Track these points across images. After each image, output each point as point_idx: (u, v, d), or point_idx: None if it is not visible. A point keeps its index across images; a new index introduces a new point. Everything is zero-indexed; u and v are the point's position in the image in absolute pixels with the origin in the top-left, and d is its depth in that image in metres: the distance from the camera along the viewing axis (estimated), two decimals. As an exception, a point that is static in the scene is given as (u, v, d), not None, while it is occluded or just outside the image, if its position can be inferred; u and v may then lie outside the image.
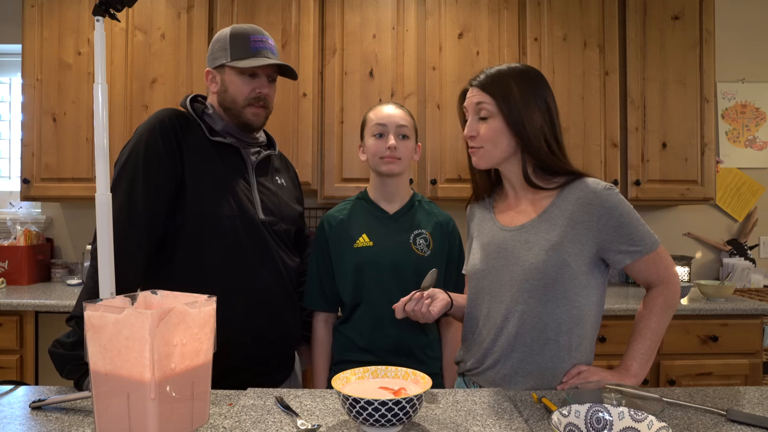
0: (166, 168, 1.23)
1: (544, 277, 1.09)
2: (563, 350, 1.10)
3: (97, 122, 0.90)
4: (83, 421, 0.89)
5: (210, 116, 1.34)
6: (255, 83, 1.32)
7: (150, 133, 1.24)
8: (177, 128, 1.27)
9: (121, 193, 1.19)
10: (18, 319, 2.16)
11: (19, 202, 2.80)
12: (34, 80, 2.48)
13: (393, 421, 0.80)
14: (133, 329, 0.67)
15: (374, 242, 1.44)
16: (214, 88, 1.35)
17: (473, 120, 1.17)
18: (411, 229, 1.47)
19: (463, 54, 2.52)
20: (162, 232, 1.24)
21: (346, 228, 1.47)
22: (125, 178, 1.21)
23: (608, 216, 1.08)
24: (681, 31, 2.57)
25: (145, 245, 1.21)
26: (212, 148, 1.30)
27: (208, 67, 1.35)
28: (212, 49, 1.35)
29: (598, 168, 2.52)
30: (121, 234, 1.13)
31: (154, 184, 1.22)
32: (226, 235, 1.26)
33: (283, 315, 1.36)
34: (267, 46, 1.33)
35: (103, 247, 0.90)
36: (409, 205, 1.51)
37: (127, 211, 1.18)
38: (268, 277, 1.32)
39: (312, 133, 2.46)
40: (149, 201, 1.21)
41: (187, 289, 1.15)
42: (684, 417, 0.92)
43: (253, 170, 1.36)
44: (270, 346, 1.34)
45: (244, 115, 1.33)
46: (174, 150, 1.24)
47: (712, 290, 2.32)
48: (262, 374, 1.33)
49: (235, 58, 1.29)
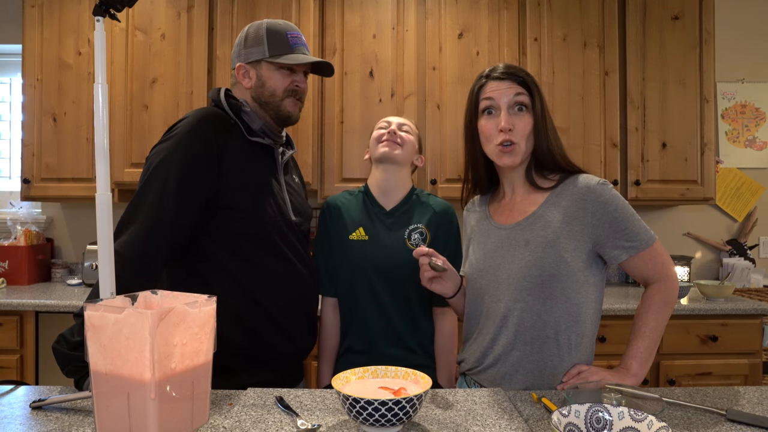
0: (203, 175, 1.18)
1: (541, 275, 1.09)
2: (563, 348, 1.11)
3: (98, 122, 0.90)
4: (83, 421, 0.89)
5: (248, 114, 1.30)
6: (293, 77, 1.32)
7: (188, 137, 1.19)
8: (219, 132, 1.22)
9: (154, 195, 1.14)
10: (18, 319, 2.16)
11: (19, 202, 2.80)
12: (35, 80, 2.48)
13: (393, 421, 0.80)
14: (134, 329, 0.67)
15: (369, 237, 1.46)
16: (247, 83, 1.32)
17: (508, 113, 1.12)
18: (407, 225, 1.48)
19: (463, 54, 2.52)
20: (186, 239, 1.20)
21: (345, 217, 1.50)
22: (159, 179, 1.15)
23: (602, 211, 1.08)
24: (681, 31, 2.57)
25: (166, 252, 1.17)
26: (250, 149, 1.28)
27: (240, 62, 1.32)
28: (245, 44, 1.32)
29: (598, 168, 2.52)
30: (145, 238, 1.11)
31: (188, 191, 1.17)
32: (267, 237, 1.25)
33: (314, 314, 1.38)
34: (303, 42, 1.34)
35: (103, 247, 0.90)
36: (406, 200, 1.52)
37: (155, 216, 1.13)
38: (305, 277, 1.33)
39: (312, 133, 2.47)
40: (180, 207, 1.16)
41: (228, 292, 1.17)
42: (684, 417, 0.92)
43: (282, 170, 1.36)
44: (303, 345, 1.35)
45: (283, 107, 1.32)
46: (214, 156, 1.20)
47: (711, 290, 2.32)
48: (288, 374, 1.35)
49: (274, 53, 1.28)
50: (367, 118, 2.49)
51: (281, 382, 1.29)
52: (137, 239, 1.10)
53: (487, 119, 1.15)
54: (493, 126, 1.14)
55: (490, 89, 1.15)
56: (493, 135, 1.14)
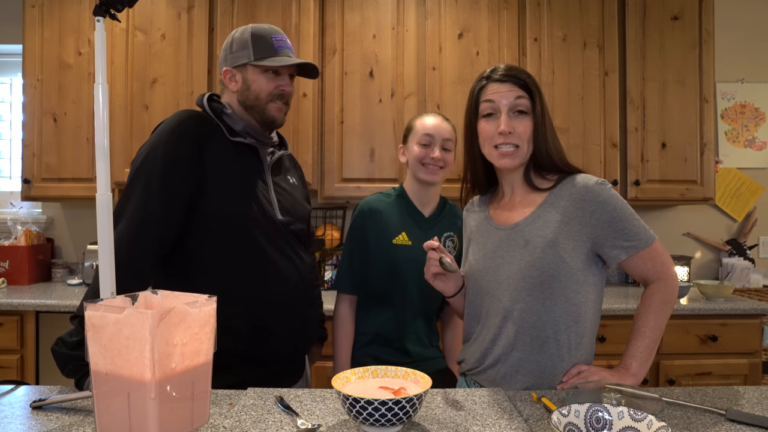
0: (185, 174, 1.20)
1: (540, 275, 1.09)
2: (563, 349, 1.11)
3: (98, 122, 0.90)
4: (84, 420, 0.89)
5: (229, 116, 1.32)
6: (278, 81, 1.33)
7: (170, 135, 1.21)
8: (199, 131, 1.25)
9: (137, 195, 1.16)
10: (18, 319, 2.17)
11: (19, 202, 2.80)
12: (35, 80, 2.48)
13: (393, 421, 0.81)
14: (134, 329, 0.67)
15: (413, 242, 1.52)
16: (234, 87, 1.34)
17: (508, 116, 1.13)
18: (442, 232, 1.56)
19: (463, 54, 2.52)
20: (174, 237, 1.22)
21: (386, 221, 1.54)
22: (142, 179, 1.17)
23: (601, 211, 1.08)
24: (680, 31, 2.57)
25: (158, 250, 1.19)
26: (233, 149, 1.30)
27: (227, 66, 1.34)
28: (231, 49, 1.33)
29: (597, 168, 2.52)
30: (132, 237, 1.13)
31: (171, 190, 1.19)
32: (250, 237, 1.26)
33: (304, 314, 1.37)
34: (287, 45, 1.35)
35: (103, 247, 0.90)
36: (440, 208, 1.60)
37: (142, 215, 1.15)
38: (290, 276, 1.32)
39: (312, 133, 2.47)
40: (165, 206, 1.18)
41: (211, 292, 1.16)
42: (683, 417, 0.92)
43: (269, 170, 1.37)
44: (292, 346, 1.34)
45: (267, 111, 1.33)
46: (195, 154, 1.22)
47: (711, 290, 2.33)
48: (280, 374, 1.34)
49: (258, 57, 1.29)
50: (367, 118, 2.49)
51: (275, 382, 1.28)
52: (123, 239, 1.10)
53: (487, 121, 1.15)
54: (493, 128, 1.14)
55: (490, 91, 1.15)
56: (493, 137, 1.14)
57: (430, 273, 1.22)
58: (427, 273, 1.22)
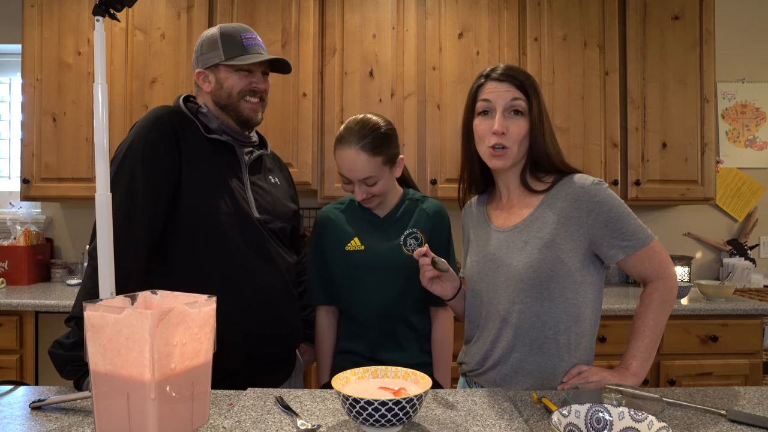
0: (166, 165, 1.22)
1: (539, 276, 1.09)
2: (563, 349, 1.10)
3: (97, 122, 0.90)
4: (83, 421, 0.89)
5: (205, 115, 1.34)
6: (251, 78, 1.34)
7: (148, 129, 1.23)
8: (175, 124, 1.26)
9: (121, 189, 1.17)
10: (18, 319, 2.16)
11: (19, 202, 2.80)
12: (34, 80, 2.48)
13: (393, 421, 0.80)
14: (133, 329, 0.67)
15: (365, 246, 1.45)
16: (207, 87, 1.35)
17: (503, 116, 1.12)
18: (401, 230, 1.47)
19: (463, 54, 2.52)
20: (161, 229, 1.23)
21: (339, 229, 1.49)
22: (125, 173, 1.19)
23: (597, 211, 1.08)
24: (681, 31, 2.57)
25: (145, 242, 1.20)
26: (208, 145, 1.31)
27: (199, 68, 1.35)
28: (201, 50, 1.35)
29: (598, 168, 2.52)
30: (120, 231, 1.12)
31: (154, 181, 1.20)
32: (223, 233, 1.26)
33: (284, 313, 1.36)
34: (258, 42, 1.36)
35: (103, 247, 0.90)
36: (399, 206, 1.50)
37: (127, 208, 1.17)
38: (267, 274, 1.32)
39: (312, 133, 2.46)
40: (149, 198, 1.20)
41: (186, 288, 1.15)
42: (684, 417, 0.92)
43: (246, 169, 1.37)
44: (271, 345, 1.34)
45: (241, 109, 1.34)
46: (173, 146, 1.24)
47: (712, 290, 2.32)
48: (263, 374, 1.33)
49: (229, 56, 1.31)
50: (367, 118, 2.49)
51: (262, 382, 1.28)
52: (114, 233, 1.10)
53: (481, 119, 1.15)
54: (487, 127, 1.13)
55: (488, 90, 1.14)
56: (486, 136, 1.14)
57: (426, 278, 1.21)
58: (423, 279, 1.22)
